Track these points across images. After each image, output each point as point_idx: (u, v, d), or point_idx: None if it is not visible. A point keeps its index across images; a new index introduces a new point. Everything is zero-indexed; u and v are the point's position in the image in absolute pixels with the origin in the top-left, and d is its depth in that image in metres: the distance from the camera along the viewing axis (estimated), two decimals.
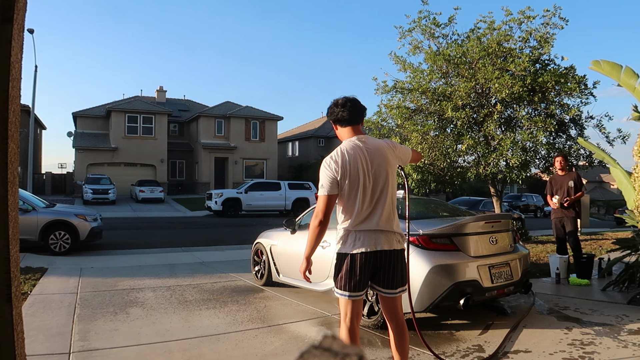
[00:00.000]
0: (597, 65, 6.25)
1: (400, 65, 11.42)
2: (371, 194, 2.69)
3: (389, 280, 2.72)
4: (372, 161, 2.71)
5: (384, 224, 2.69)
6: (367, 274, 2.68)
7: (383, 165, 2.73)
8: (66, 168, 35.87)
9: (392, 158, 2.78)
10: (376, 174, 2.70)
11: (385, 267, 2.70)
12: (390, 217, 2.73)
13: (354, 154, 2.70)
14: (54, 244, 9.51)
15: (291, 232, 6.01)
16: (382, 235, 2.68)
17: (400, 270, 2.75)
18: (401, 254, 2.78)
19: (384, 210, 2.69)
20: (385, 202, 2.71)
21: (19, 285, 1.45)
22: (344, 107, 2.78)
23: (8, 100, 1.31)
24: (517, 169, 10.18)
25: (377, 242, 2.66)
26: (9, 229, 1.34)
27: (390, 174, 2.76)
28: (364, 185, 2.68)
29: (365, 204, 2.67)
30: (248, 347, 3.95)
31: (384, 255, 2.68)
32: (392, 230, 2.72)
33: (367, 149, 2.73)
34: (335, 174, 2.69)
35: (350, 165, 2.67)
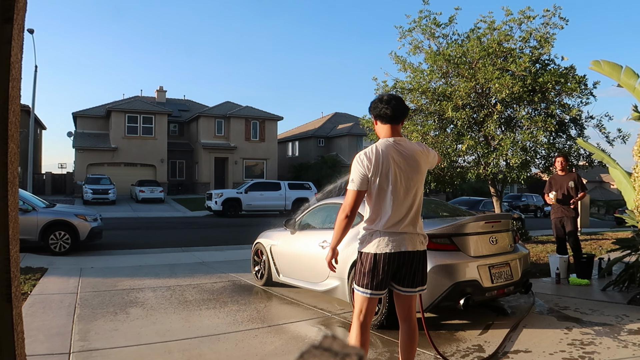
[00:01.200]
0: (597, 65, 6.25)
1: (401, 65, 11.42)
2: (401, 196, 2.70)
3: (410, 279, 2.74)
4: (405, 164, 2.72)
5: (410, 227, 2.72)
6: (389, 274, 2.71)
7: (415, 169, 2.75)
8: (66, 168, 35.92)
9: (424, 164, 2.81)
10: (407, 177, 2.72)
11: (408, 267, 2.72)
12: (415, 222, 2.76)
13: (388, 154, 2.70)
14: (54, 244, 9.51)
15: (291, 232, 6.01)
16: (407, 237, 2.71)
17: (421, 271, 2.78)
18: (424, 254, 2.80)
19: (411, 212, 2.72)
20: (413, 206, 2.74)
21: (19, 285, 1.45)
22: (388, 104, 2.78)
23: (8, 100, 1.31)
24: (517, 169, 10.18)
25: (402, 244, 2.69)
26: (9, 229, 1.34)
27: (420, 179, 2.79)
28: (394, 186, 2.69)
29: (394, 206, 2.69)
30: (248, 347, 3.95)
31: (407, 255, 2.71)
32: (416, 232, 2.75)
33: (402, 151, 2.74)
34: (367, 170, 2.70)
35: (383, 165, 2.69)
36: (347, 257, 4.83)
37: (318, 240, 5.39)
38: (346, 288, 4.81)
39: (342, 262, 4.90)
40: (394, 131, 2.81)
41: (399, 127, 2.84)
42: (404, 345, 2.81)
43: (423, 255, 2.79)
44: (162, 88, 40.10)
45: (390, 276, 2.73)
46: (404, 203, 2.70)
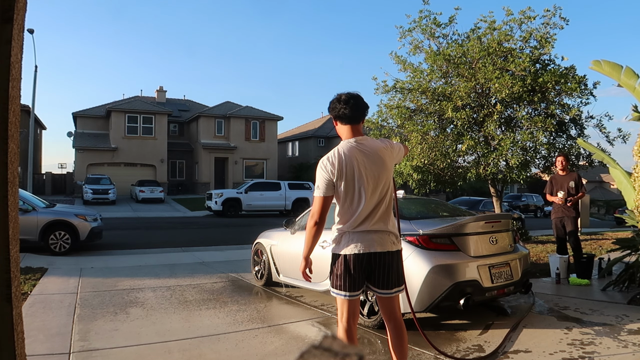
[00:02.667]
0: (598, 65, 6.25)
1: (401, 65, 11.42)
2: (368, 195, 2.65)
3: (384, 280, 2.69)
4: (370, 163, 2.67)
5: (379, 226, 2.67)
6: (362, 275, 2.67)
7: (380, 167, 2.69)
8: (66, 168, 35.92)
9: (389, 160, 2.75)
10: (373, 176, 2.67)
11: (380, 268, 2.68)
12: (386, 219, 2.71)
13: (351, 156, 2.66)
14: (54, 244, 9.51)
15: (291, 232, 6.01)
16: (376, 237, 2.66)
17: (395, 271, 2.73)
18: (397, 255, 2.75)
19: (379, 212, 2.68)
20: (381, 205, 2.69)
21: (19, 285, 1.45)
22: (347, 104, 2.71)
23: (8, 100, 1.31)
24: (517, 169, 10.18)
25: (371, 244, 2.64)
26: (9, 229, 1.34)
27: (387, 177, 2.73)
28: (360, 187, 2.65)
29: (361, 206, 2.65)
30: (248, 347, 3.95)
31: (378, 257, 2.66)
32: (387, 231, 2.70)
33: (365, 151, 2.69)
34: (331, 175, 2.66)
35: (347, 167, 2.64)
36: None
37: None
38: None
39: None
40: (355, 131, 2.75)
41: (359, 127, 2.77)
42: (394, 345, 2.78)
43: (396, 255, 2.74)
44: (162, 88, 40.12)
45: (365, 277, 2.69)
46: (371, 202, 2.66)
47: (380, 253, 2.66)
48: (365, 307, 4.55)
